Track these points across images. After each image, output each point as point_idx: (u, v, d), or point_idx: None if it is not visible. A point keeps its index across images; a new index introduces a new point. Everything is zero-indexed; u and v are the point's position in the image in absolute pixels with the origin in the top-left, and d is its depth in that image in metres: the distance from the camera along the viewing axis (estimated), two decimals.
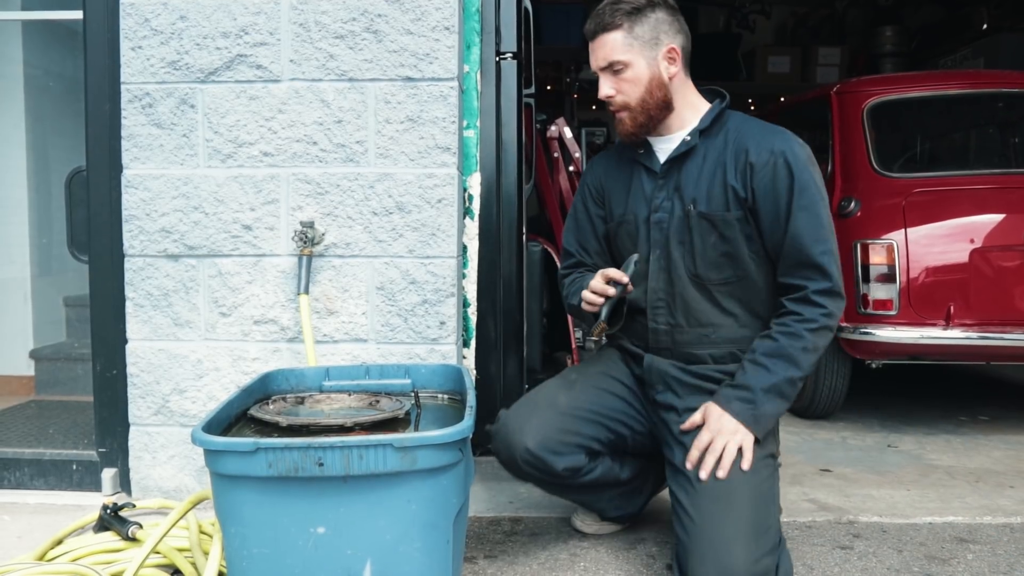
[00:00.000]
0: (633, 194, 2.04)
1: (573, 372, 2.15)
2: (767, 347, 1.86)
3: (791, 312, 1.87)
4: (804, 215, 1.84)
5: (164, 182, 2.42)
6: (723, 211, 1.90)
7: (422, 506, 1.50)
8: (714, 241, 1.91)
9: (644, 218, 2.00)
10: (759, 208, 1.88)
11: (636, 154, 2.05)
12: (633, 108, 1.92)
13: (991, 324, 3.30)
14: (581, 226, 2.18)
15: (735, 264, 1.93)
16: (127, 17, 2.40)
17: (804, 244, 1.84)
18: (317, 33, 2.35)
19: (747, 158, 1.88)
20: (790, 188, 1.85)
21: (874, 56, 8.07)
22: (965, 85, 3.79)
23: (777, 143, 1.88)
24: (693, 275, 1.94)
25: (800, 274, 1.86)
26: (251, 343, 2.43)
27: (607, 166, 2.15)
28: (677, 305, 1.97)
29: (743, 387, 1.85)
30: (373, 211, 2.37)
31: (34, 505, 2.48)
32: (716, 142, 1.94)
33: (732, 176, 1.89)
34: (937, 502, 2.56)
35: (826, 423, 3.68)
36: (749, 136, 1.91)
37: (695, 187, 1.93)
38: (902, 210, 3.39)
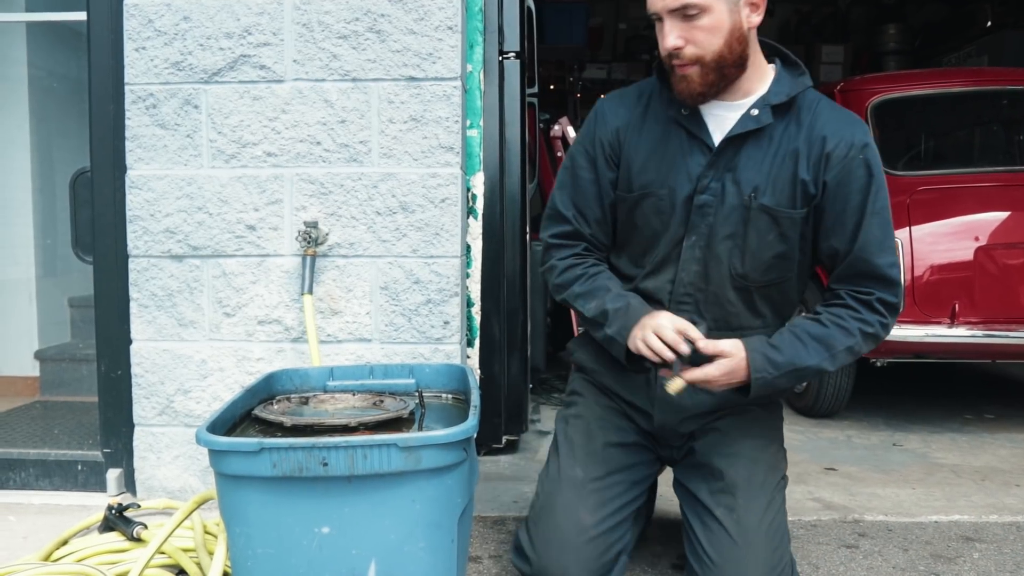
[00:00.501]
0: (671, 163, 1.70)
1: (576, 466, 1.80)
2: (814, 330, 1.65)
3: (850, 307, 1.66)
4: (877, 221, 1.63)
5: (168, 183, 2.42)
6: (789, 208, 1.65)
7: (426, 506, 1.50)
8: (772, 240, 1.67)
9: (685, 197, 1.68)
10: (826, 206, 1.65)
11: (678, 113, 1.70)
12: (707, 63, 1.59)
13: (996, 322, 3.30)
14: (582, 187, 1.81)
15: (784, 266, 1.71)
16: (131, 18, 2.40)
17: (874, 254, 1.64)
18: (320, 33, 2.35)
19: (823, 148, 1.63)
20: (866, 189, 1.63)
21: (878, 54, 8.06)
22: (969, 83, 3.79)
23: (858, 135, 1.65)
24: (738, 275, 1.70)
25: (866, 284, 1.66)
26: (255, 343, 2.43)
27: (629, 119, 1.77)
28: (708, 304, 1.73)
29: (777, 348, 1.63)
30: (377, 211, 2.37)
31: (39, 506, 2.48)
32: (787, 121, 1.67)
33: (804, 168, 1.64)
34: (943, 501, 2.55)
35: (831, 422, 3.67)
36: (826, 121, 1.66)
37: (757, 174, 1.65)
38: (907, 208, 3.38)
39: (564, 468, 1.79)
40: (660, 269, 1.74)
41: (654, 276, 1.75)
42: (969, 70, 5.04)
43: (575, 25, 7.17)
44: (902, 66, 7.78)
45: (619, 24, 8.88)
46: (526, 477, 2.70)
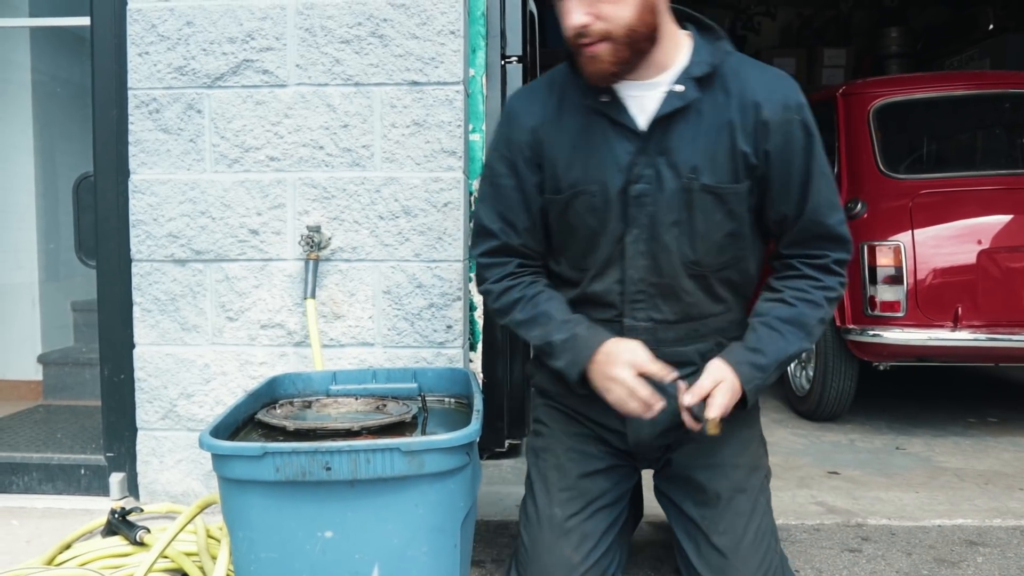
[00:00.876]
0: (596, 156, 1.58)
1: (553, 505, 1.71)
2: (784, 313, 1.60)
3: (808, 276, 1.61)
4: (823, 182, 1.58)
5: (171, 187, 2.42)
6: (733, 183, 1.56)
7: (429, 510, 1.50)
8: (720, 219, 1.58)
9: (618, 190, 1.57)
10: (771, 175, 1.57)
11: (595, 101, 1.57)
12: (617, 39, 1.46)
13: (999, 325, 3.29)
14: (505, 195, 1.68)
15: (738, 245, 1.62)
16: (134, 23, 2.40)
17: (824, 215, 1.59)
18: (323, 38, 2.36)
19: (759, 115, 1.54)
20: (808, 150, 1.56)
21: (880, 57, 8.07)
22: (971, 86, 3.79)
23: (792, 96, 1.56)
24: (691, 262, 1.60)
25: (819, 244, 1.61)
26: (258, 347, 2.43)
27: (543, 115, 1.64)
28: (664, 297, 1.62)
29: (759, 351, 1.58)
30: (379, 215, 2.38)
31: (42, 510, 2.49)
32: (714, 92, 1.55)
33: (742, 139, 1.54)
34: (946, 504, 2.55)
35: (834, 425, 3.67)
36: (757, 86, 1.55)
37: (693, 152, 1.54)
38: (909, 211, 3.38)
39: (542, 509, 1.71)
40: (605, 270, 1.63)
41: (601, 278, 1.64)
42: (971, 73, 5.04)
43: None
44: (904, 69, 7.78)
45: None
46: None
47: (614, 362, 1.56)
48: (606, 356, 1.57)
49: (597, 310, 1.66)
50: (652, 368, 1.55)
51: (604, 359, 1.58)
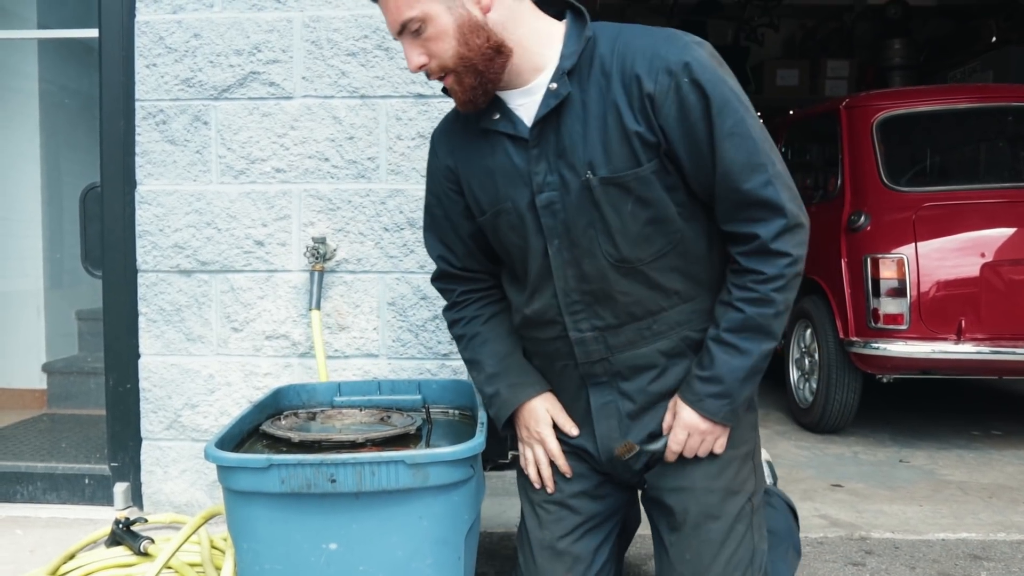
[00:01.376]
0: (502, 174, 1.54)
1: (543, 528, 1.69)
2: (733, 320, 1.48)
3: (749, 271, 1.46)
4: (731, 142, 1.41)
5: (177, 198, 2.44)
6: (632, 167, 1.45)
7: (434, 522, 1.51)
8: (631, 209, 1.47)
9: (527, 203, 1.52)
10: (676, 149, 1.44)
11: (488, 120, 1.53)
12: (455, 70, 1.43)
13: (1003, 338, 3.30)
14: (438, 223, 1.70)
15: (665, 229, 1.50)
16: (142, 35, 2.42)
17: (740, 179, 1.42)
18: (329, 50, 2.37)
19: (641, 88, 1.41)
20: (706, 113, 1.40)
21: (883, 69, 8.09)
22: (974, 99, 3.80)
23: (672, 55, 1.40)
24: (617, 260, 1.50)
25: (746, 216, 1.45)
26: (263, 358, 2.44)
27: (452, 143, 1.64)
28: (601, 302, 1.54)
29: (714, 380, 1.49)
30: (384, 227, 2.39)
31: (46, 519, 2.49)
32: (594, 78, 1.46)
33: (631, 118, 1.43)
34: (950, 518, 2.55)
35: (837, 438, 3.67)
36: (635, 56, 1.43)
37: (585, 147, 1.46)
38: (912, 224, 3.39)
39: (532, 531, 1.69)
40: (540, 288, 1.58)
41: (539, 296, 1.59)
42: (974, 87, 5.06)
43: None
44: (907, 81, 7.80)
45: None
46: None
47: (531, 423, 1.66)
48: (527, 413, 1.67)
49: (542, 329, 1.62)
50: (562, 420, 1.64)
51: (526, 415, 1.67)
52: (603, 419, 1.61)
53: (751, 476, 1.61)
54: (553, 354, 1.63)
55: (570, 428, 1.64)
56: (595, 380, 1.60)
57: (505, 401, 1.66)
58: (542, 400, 1.66)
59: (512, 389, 1.66)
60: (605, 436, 1.61)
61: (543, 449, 1.66)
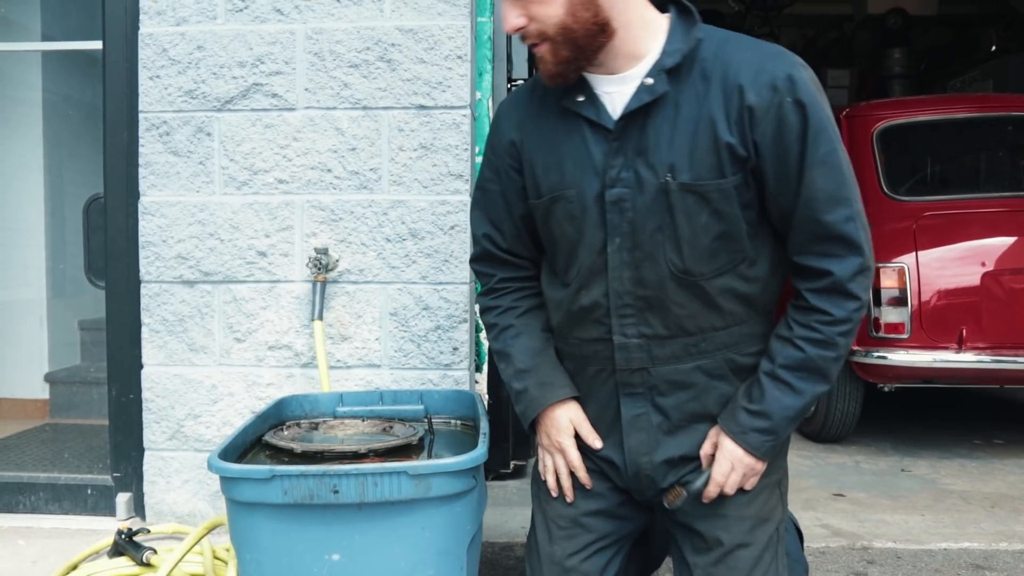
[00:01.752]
0: (572, 159, 1.48)
1: (553, 543, 1.64)
2: (791, 358, 1.44)
3: (817, 309, 1.42)
4: (821, 172, 1.38)
5: (180, 209, 2.45)
6: (716, 178, 1.40)
7: (436, 533, 1.51)
8: (706, 221, 1.42)
9: (595, 195, 1.46)
10: (765, 168, 1.40)
11: (571, 100, 1.47)
12: (553, 38, 1.37)
13: (1004, 347, 3.30)
14: (492, 200, 1.64)
15: (732, 247, 1.45)
16: (145, 47, 2.44)
17: (823, 210, 1.38)
18: (332, 62, 2.39)
19: (742, 99, 1.37)
20: (802, 136, 1.37)
21: (883, 78, 8.11)
22: (974, 109, 3.81)
23: (779, 72, 1.37)
24: (680, 271, 1.45)
25: (820, 250, 1.41)
26: (265, 368, 2.45)
27: (522, 117, 1.57)
28: (653, 310, 1.48)
29: (762, 415, 1.45)
30: (387, 237, 2.40)
31: (49, 529, 2.50)
32: (692, 81, 1.41)
33: (724, 128, 1.38)
34: (952, 528, 2.55)
35: (839, 447, 3.67)
36: (740, 67, 1.39)
37: (670, 149, 1.41)
38: (912, 233, 3.40)
39: (542, 546, 1.64)
40: (589, 283, 1.52)
41: (586, 292, 1.53)
42: (974, 96, 5.07)
43: None
44: (907, 90, 7.82)
45: None
46: None
47: (552, 432, 1.61)
48: (549, 420, 1.61)
49: (585, 328, 1.56)
50: (585, 431, 1.58)
51: (548, 422, 1.61)
52: (634, 432, 1.55)
53: (779, 504, 1.58)
54: (590, 357, 1.57)
55: (593, 440, 1.57)
56: (630, 391, 1.53)
57: (533, 400, 1.60)
58: (566, 409, 1.60)
59: (541, 388, 1.60)
60: (634, 450, 1.55)
61: (563, 459, 1.60)
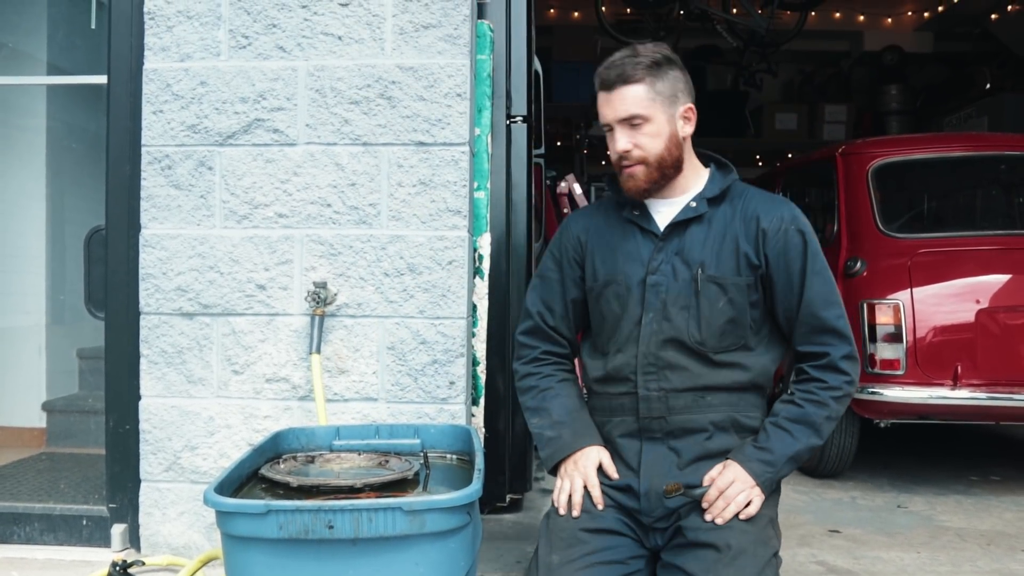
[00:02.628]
0: (625, 254, 1.94)
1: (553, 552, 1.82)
2: (791, 412, 1.83)
3: (815, 379, 1.84)
4: (818, 280, 1.85)
5: (181, 242, 2.47)
6: (734, 275, 1.86)
7: (430, 569, 1.52)
8: (722, 306, 1.86)
9: (639, 280, 1.90)
10: (772, 274, 1.87)
11: (630, 213, 1.96)
12: (650, 164, 1.85)
13: (999, 384, 3.31)
14: (549, 286, 2.05)
15: (737, 332, 1.87)
16: (149, 82, 2.48)
17: (820, 309, 1.84)
18: (333, 99, 2.42)
19: (759, 224, 1.87)
20: (803, 254, 1.85)
21: (880, 114, 8.19)
22: (968, 147, 3.85)
23: (786, 211, 1.90)
24: (696, 342, 1.86)
25: (818, 340, 1.85)
26: (263, 401, 2.46)
27: (589, 225, 2.04)
28: (672, 369, 1.87)
29: (766, 450, 1.82)
30: (385, 272, 2.42)
31: (43, 560, 2.49)
32: (723, 208, 1.92)
33: (744, 242, 1.87)
34: (948, 565, 2.54)
35: (835, 482, 3.66)
36: (758, 204, 1.91)
37: (701, 251, 1.88)
38: (908, 270, 3.42)
39: (541, 557, 1.82)
40: (624, 348, 1.91)
41: (620, 355, 1.91)
42: (968, 135, 5.13)
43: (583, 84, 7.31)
44: (904, 126, 7.89)
45: None
46: (530, 536, 2.69)
47: (580, 460, 1.89)
48: (580, 454, 1.90)
49: (616, 385, 1.91)
50: (606, 464, 1.88)
51: (578, 455, 1.90)
52: (652, 465, 1.86)
53: (775, 537, 1.84)
54: (617, 408, 1.92)
55: (612, 472, 1.88)
56: (649, 435, 1.87)
57: (566, 444, 1.92)
58: (594, 448, 1.91)
59: (575, 436, 1.93)
60: (649, 477, 1.85)
61: (581, 480, 1.87)
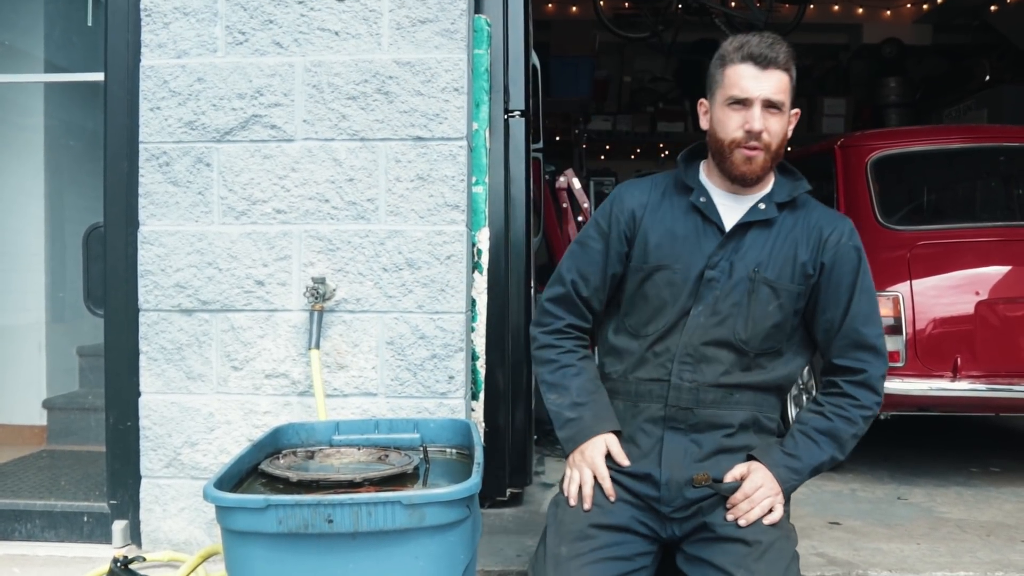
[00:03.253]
0: (686, 242, 1.90)
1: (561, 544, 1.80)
2: (820, 424, 1.84)
3: (848, 395, 1.85)
4: (865, 297, 1.86)
5: (179, 238, 2.47)
6: (789, 282, 1.86)
7: (430, 562, 1.52)
8: (771, 310, 1.86)
9: (697, 272, 1.87)
10: (822, 284, 1.87)
11: (696, 200, 1.92)
12: (771, 152, 1.83)
13: (999, 376, 3.31)
14: (590, 256, 1.98)
15: (778, 336, 1.88)
16: (146, 79, 2.47)
17: (863, 325, 1.85)
18: (330, 94, 2.42)
19: (821, 235, 1.88)
20: (856, 269, 1.87)
21: (879, 107, 8.17)
22: (967, 139, 3.85)
23: (847, 227, 1.91)
24: (741, 340, 1.85)
25: (857, 356, 1.85)
26: (262, 396, 2.46)
27: (646, 202, 1.98)
28: (710, 362, 1.86)
29: (795, 457, 1.83)
30: (383, 267, 2.42)
31: (44, 557, 2.49)
32: (786, 216, 1.91)
33: (804, 252, 1.87)
34: (948, 556, 2.54)
35: (835, 475, 3.66)
36: (821, 216, 1.92)
37: (761, 254, 1.87)
38: (907, 262, 3.42)
39: (549, 548, 1.81)
40: (665, 336, 1.88)
41: (662, 341, 1.88)
42: (967, 127, 5.12)
43: (581, 78, 7.31)
44: (903, 118, 7.87)
45: (624, 77, 9.01)
46: (530, 530, 2.70)
47: (587, 451, 1.87)
48: (585, 447, 1.87)
49: (649, 370, 1.90)
50: (616, 451, 1.86)
51: (588, 444, 1.87)
52: (673, 455, 1.85)
53: (792, 532, 1.86)
54: (645, 394, 1.90)
55: (622, 459, 1.85)
56: (674, 425, 1.86)
57: (587, 426, 1.89)
58: (606, 436, 1.88)
59: (596, 419, 1.90)
60: (670, 466, 1.84)
61: (590, 472, 1.85)
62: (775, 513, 1.78)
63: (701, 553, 1.80)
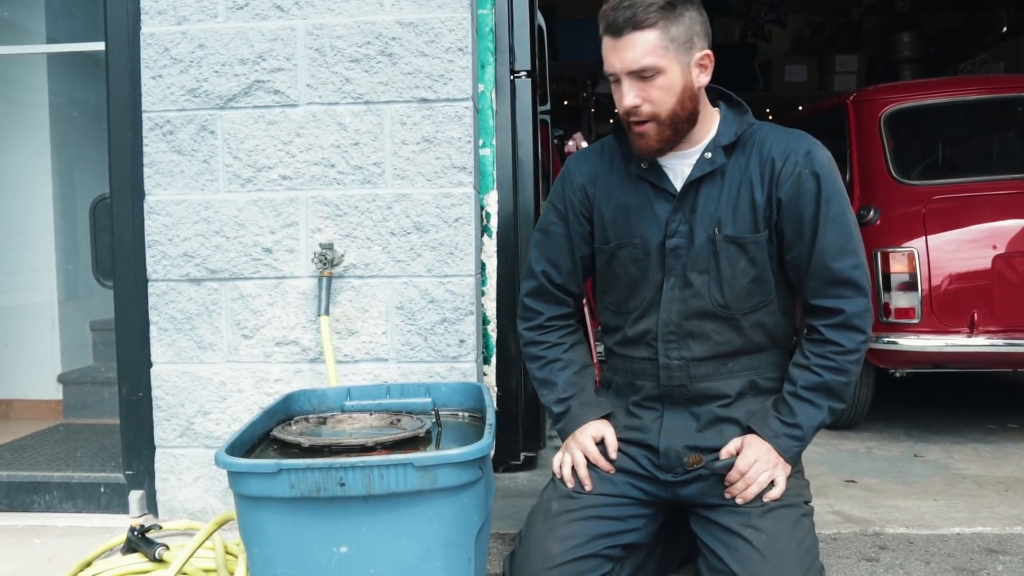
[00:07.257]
0: (639, 214, 1.80)
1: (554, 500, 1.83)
2: (810, 381, 1.73)
3: (830, 342, 1.72)
4: (833, 227, 1.69)
5: (186, 207, 2.45)
6: (752, 232, 1.73)
7: (443, 524, 1.51)
8: (744, 266, 1.74)
9: (658, 243, 1.78)
10: (783, 222, 1.73)
11: (638, 168, 1.80)
12: (662, 121, 1.67)
13: (1016, 330, 3.27)
14: (554, 241, 1.92)
15: (763, 290, 1.77)
16: (147, 47, 2.44)
17: (834, 259, 1.70)
18: (333, 57, 2.39)
19: (773, 168, 1.72)
20: (817, 199, 1.69)
21: (892, 63, 8.03)
22: (982, 91, 3.77)
23: (801, 146, 1.72)
24: (720, 306, 1.76)
25: (832, 293, 1.72)
26: (273, 364, 2.45)
27: (595, 174, 1.88)
28: (696, 337, 1.79)
29: (793, 424, 1.74)
30: (391, 232, 2.40)
31: (63, 528, 2.51)
32: (736, 155, 1.76)
33: (759, 192, 1.72)
34: (965, 512, 2.53)
35: (851, 433, 3.65)
36: (773, 144, 1.74)
37: (717, 208, 1.74)
38: (922, 217, 3.37)
39: (544, 502, 1.84)
40: (646, 313, 1.83)
41: (643, 319, 1.83)
42: (983, 78, 5.02)
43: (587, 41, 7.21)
44: (917, 74, 7.74)
45: None
46: None
47: (579, 436, 1.87)
48: (578, 433, 1.88)
49: (637, 349, 1.85)
50: (608, 438, 1.85)
51: (576, 434, 1.88)
52: (672, 427, 1.82)
53: (804, 490, 1.82)
54: (639, 372, 1.86)
55: (612, 451, 1.84)
56: (671, 402, 1.83)
57: (576, 416, 1.89)
58: (596, 422, 1.89)
59: (583, 407, 1.90)
60: (669, 436, 1.82)
61: (582, 454, 1.85)
62: (776, 488, 1.73)
63: (709, 514, 1.79)
